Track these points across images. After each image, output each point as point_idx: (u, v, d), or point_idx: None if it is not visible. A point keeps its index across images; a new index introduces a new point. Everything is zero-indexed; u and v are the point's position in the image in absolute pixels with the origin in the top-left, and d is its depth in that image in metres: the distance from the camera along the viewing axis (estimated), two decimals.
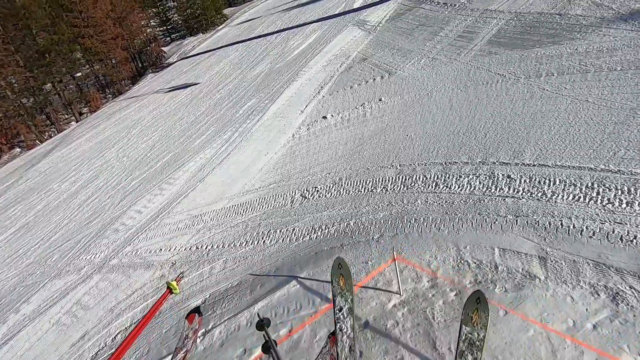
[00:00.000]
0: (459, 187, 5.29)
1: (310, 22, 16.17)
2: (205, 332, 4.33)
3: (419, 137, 6.82)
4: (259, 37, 17.67)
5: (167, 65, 21.20)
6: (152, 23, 26.60)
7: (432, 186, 5.53)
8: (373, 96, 8.64)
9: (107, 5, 18.63)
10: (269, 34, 17.39)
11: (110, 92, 20.28)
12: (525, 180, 4.93)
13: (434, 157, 6.15)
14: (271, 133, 8.95)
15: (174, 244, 6.55)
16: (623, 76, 6.17)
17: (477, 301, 2.05)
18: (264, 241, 5.73)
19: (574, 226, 4.02)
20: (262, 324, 2.42)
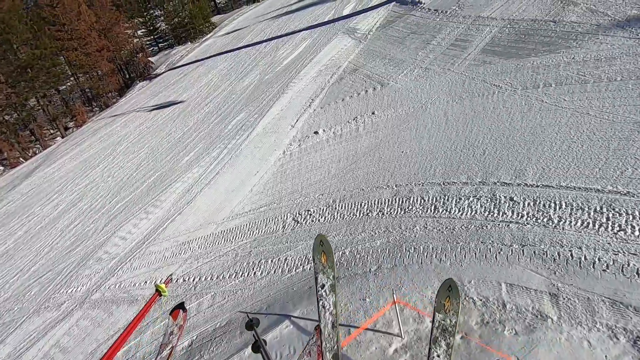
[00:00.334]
0: (459, 210, 5.00)
1: (300, 30, 15.90)
2: None
3: (414, 154, 6.54)
4: (248, 46, 17.36)
5: (155, 76, 20.79)
6: (139, 33, 26.17)
7: (430, 210, 5.23)
8: (366, 109, 8.36)
9: (92, 17, 18.20)
10: (257, 43, 17.08)
11: (97, 105, 19.81)
12: (529, 204, 4.66)
13: (431, 176, 5.87)
14: (261, 150, 8.62)
15: (159, 275, 6.18)
16: (624, 87, 5.94)
17: (449, 289, 2.11)
18: (255, 272, 5.40)
19: (585, 258, 3.74)
20: (251, 324, 2.42)
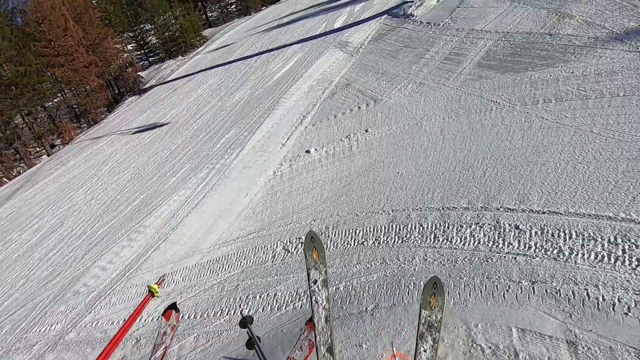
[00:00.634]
0: (461, 240, 4.65)
1: (291, 44, 15.68)
2: None
3: (411, 175, 6.21)
4: (239, 60, 17.10)
5: (144, 90, 20.44)
6: (129, 47, 25.89)
7: (430, 239, 4.87)
8: (359, 127, 8.05)
9: (79, 33, 17.89)
10: (248, 57, 16.84)
11: (85, 121, 19.39)
12: (536, 233, 4.31)
13: (429, 200, 5.52)
14: (250, 170, 8.25)
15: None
16: (627, 103, 5.68)
17: (434, 286, 2.15)
18: (242, 310, 4.97)
19: (603, 298, 3.39)
20: (245, 322, 2.40)
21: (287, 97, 10.64)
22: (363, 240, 5.34)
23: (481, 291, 3.88)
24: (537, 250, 4.12)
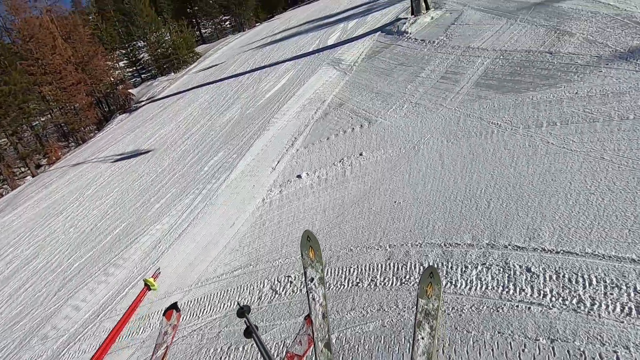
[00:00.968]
0: (466, 284, 4.17)
1: (284, 61, 15.41)
2: None
3: (409, 205, 5.75)
4: (230, 77, 16.80)
5: (135, 108, 20.05)
6: (120, 64, 25.61)
7: None
8: (353, 150, 7.63)
9: (68, 51, 17.55)
10: (240, 74, 16.54)
11: (73, 139, 18.89)
12: (550, 277, 3.85)
13: (429, 234, 5.05)
14: (238, 196, 7.77)
15: None
16: (639, 126, 5.32)
17: (431, 275, 2.16)
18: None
19: None
20: (242, 311, 2.46)
21: (278, 117, 10.25)
22: (358, 281, 4.84)
23: (493, 350, 3.39)
24: (553, 299, 3.64)
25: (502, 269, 4.15)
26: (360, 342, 4.00)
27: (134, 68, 26.40)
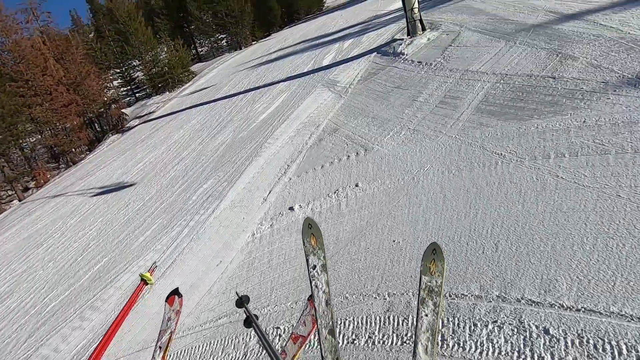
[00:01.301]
0: (476, 347, 3.68)
1: (278, 82, 15.16)
2: None
3: (409, 245, 5.30)
4: (225, 97, 16.52)
5: (128, 129, 19.70)
6: (114, 84, 25.41)
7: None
8: (348, 180, 7.21)
9: (60, 72, 17.28)
10: (234, 95, 16.27)
11: (64, 161, 18.45)
12: (573, 342, 3.38)
13: None
14: (227, 230, 7.30)
15: None
16: None
17: (434, 252, 2.12)
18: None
19: None
20: (241, 301, 2.41)
21: (271, 141, 9.87)
22: (354, 337, 4.34)
23: None
24: None
25: (516, 329, 3.67)
26: None
27: (129, 87, 26.20)
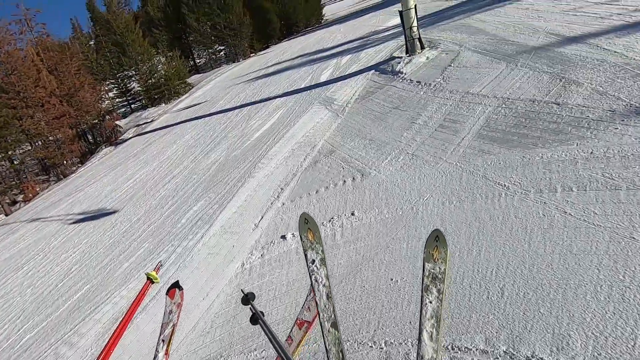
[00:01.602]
0: None
1: (275, 97, 14.93)
2: None
3: (408, 285, 4.94)
4: (220, 112, 16.25)
5: (121, 141, 19.35)
6: (110, 95, 25.14)
7: None
8: (344, 207, 6.87)
9: (53, 83, 16.99)
10: (230, 109, 16.01)
11: (54, 174, 18.03)
12: None
13: None
14: (216, 259, 6.92)
15: None
16: None
17: (436, 239, 2.11)
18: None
19: None
20: (247, 299, 2.45)
21: (265, 162, 9.54)
22: None
23: None
24: None
25: None
26: None
27: (124, 98, 25.94)
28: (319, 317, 2.31)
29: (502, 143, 6.70)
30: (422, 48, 12.23)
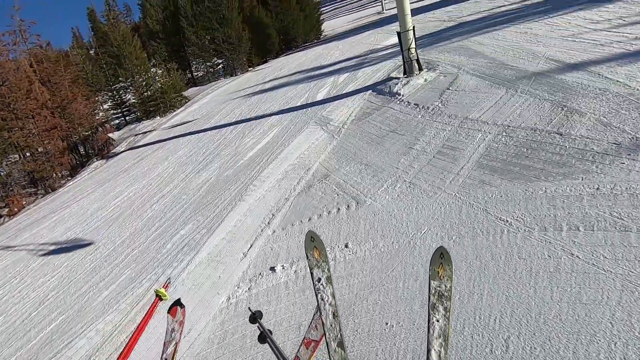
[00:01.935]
0: None
1: (270, 115, 14.69)
2: None
3: (404, 331, 4.56)
4: (214, 128, 15.98)
5: (113, 155, 18.97)
6: (104, 107, 24.87)
7: None
8: (337, 238, 6.52)
9: (45, 95, 16.69)
10: (225, 126, 15.74)
11: (42, 187, 17.56)
12: None
13: None
14: (200, 291, 6.51)
15: None
16: None
17: (441, 256, 2.10)
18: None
19: None
20: (254, 317, 2.45)
21: (257, 184, 9.21)
22: None
23: None
24: None
25: None
26: None
27: (119, 110, 25.67)
28: (325, 336, 2.29)
29: (504, 174, 6.43)
30: (420, 69, 12.10)
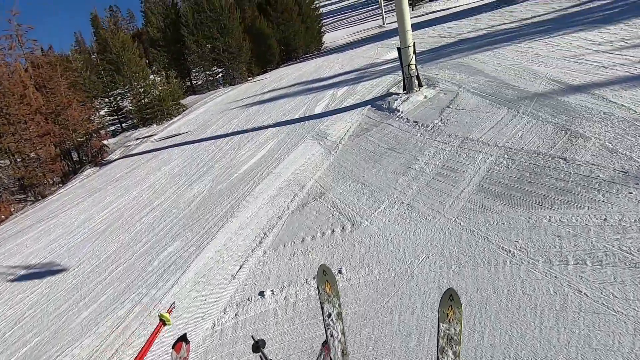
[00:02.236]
0: None
1: (267, 126, 14.46)
2: None
3: None
4: (210, 139, 15.71)
5: (107, 162, 18.64)
6: (101, 113, 24.63)
7: None
8: (331, 263, 6.20)
9: (39, 100, 16.42)
10: (220, 136, 15.48)
11: (32, 194, 17.16)
12: None
13: None
14: (184, 316, 6.14)
15: None
16: None
17: (451, 298, 2.09)
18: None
19: None
20: (257, 346, 2.44)
21: (250, 200, 8.91)
22: None
23: None
24: None
25: None
26: None
27: (116, 116, 25.44)
28: None
29: (505, 199, 6.16)
30: (420, 86, 11.93)
